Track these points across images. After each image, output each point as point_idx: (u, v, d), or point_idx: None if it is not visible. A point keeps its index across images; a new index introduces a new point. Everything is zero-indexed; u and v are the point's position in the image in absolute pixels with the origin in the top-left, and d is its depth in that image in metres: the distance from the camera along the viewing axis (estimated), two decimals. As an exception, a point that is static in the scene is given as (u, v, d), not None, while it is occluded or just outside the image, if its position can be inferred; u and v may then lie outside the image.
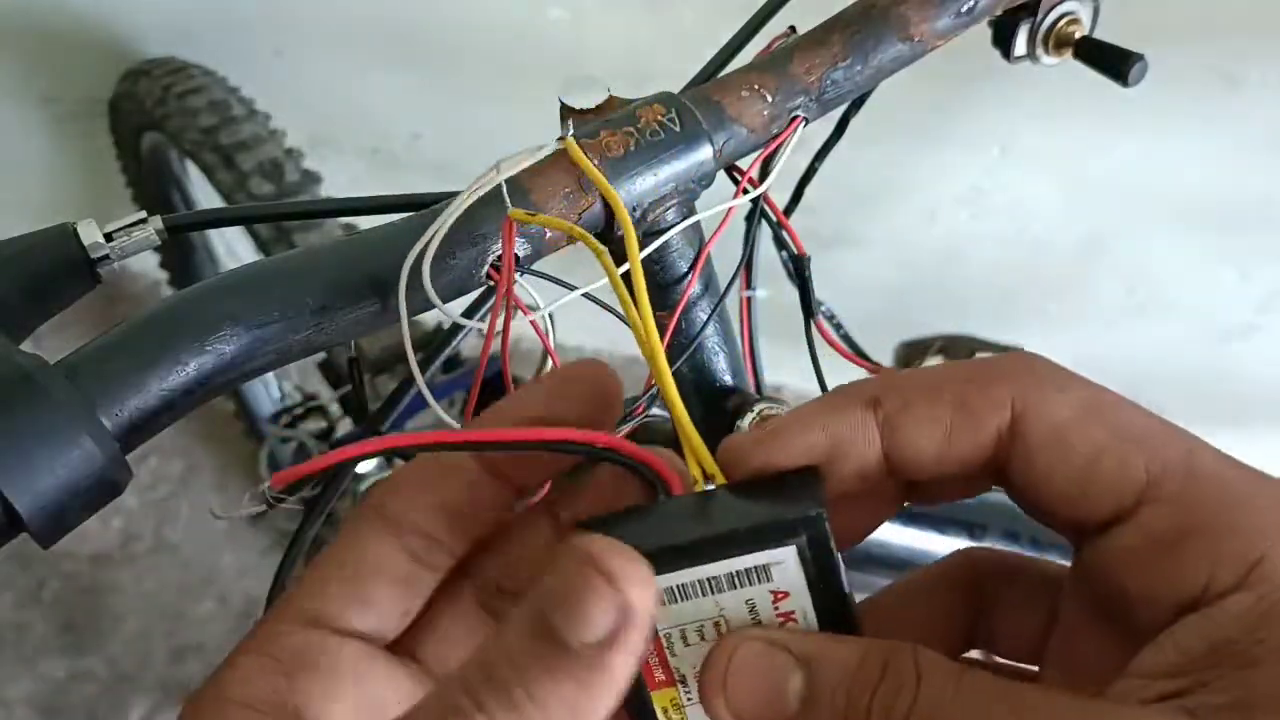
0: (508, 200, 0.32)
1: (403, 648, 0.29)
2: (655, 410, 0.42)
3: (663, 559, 0.24)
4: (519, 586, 0.29)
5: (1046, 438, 0.24)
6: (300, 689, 0.26)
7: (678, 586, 0.25)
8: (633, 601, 0.21)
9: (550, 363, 0.36)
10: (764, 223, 0.47)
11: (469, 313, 0.39)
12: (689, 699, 0.26)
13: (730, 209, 0.41)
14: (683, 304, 0.43)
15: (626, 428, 0.40)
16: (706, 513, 0.25)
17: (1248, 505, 0.23)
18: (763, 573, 0.25)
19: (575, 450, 0.26)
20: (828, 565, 0.24)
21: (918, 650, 0.23)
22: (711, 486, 0.26)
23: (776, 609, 0.25)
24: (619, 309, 0.33)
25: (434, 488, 0.28)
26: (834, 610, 0.25)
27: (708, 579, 0.25)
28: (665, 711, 0.26)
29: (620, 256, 0.43)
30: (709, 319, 0.44)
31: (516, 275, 0.37)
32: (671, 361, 0.44)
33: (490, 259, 0.36)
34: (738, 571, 0.25)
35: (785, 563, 0.24)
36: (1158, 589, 0.23)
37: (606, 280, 0.30)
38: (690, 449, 0.26)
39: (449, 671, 0.24)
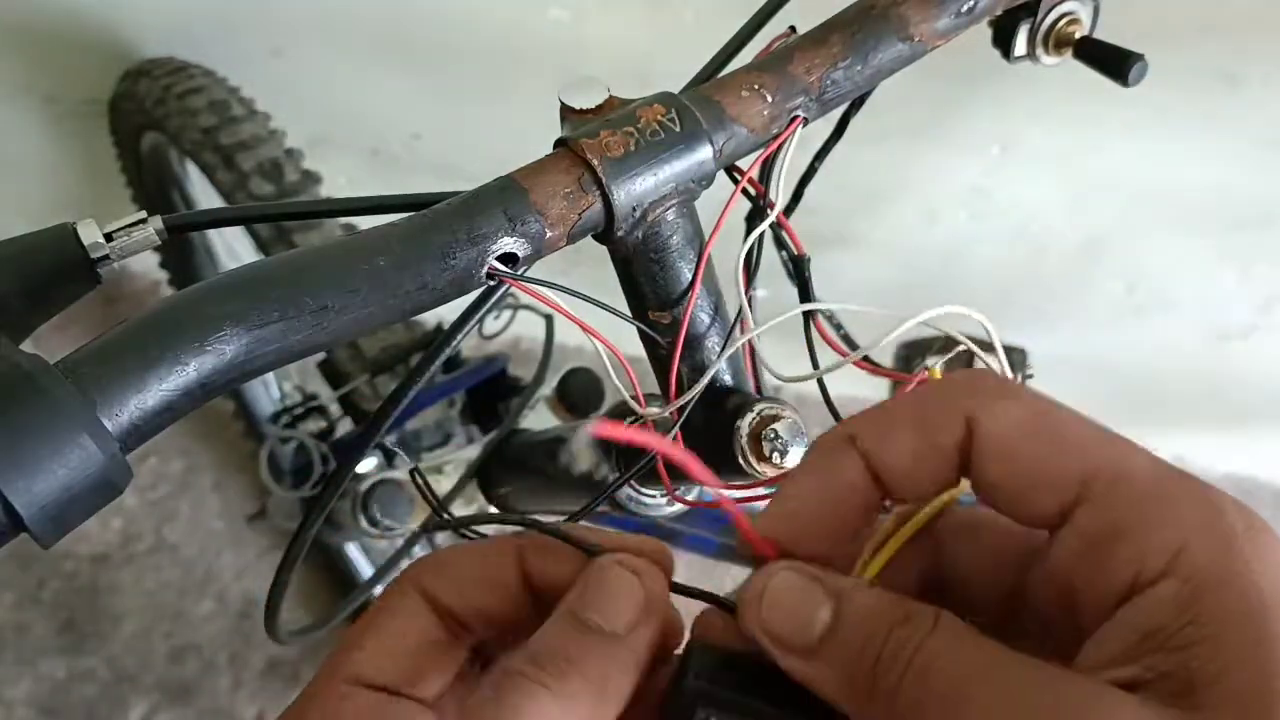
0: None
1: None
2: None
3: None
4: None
5: (994, 449, 0.26)
6: None
7: None
8: (655, 590, 0.28)
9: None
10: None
11: (469, 313, 0.39)
12: None
13: (728, 207, 0.41)
14: (690, 306, 0.43)
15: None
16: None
17: (1168, 500, 0.24)
18: None
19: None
20: None
21: (940, 610, 0.25)
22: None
23: None
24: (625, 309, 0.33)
25: (480, 579, 0.30)
26: None
27: None
28: None
29: (619, 255, 0.43)
30: (710, 318, 0.44)
31: (514, 274, 0.37)
32: (672, 363, 0.44)
33: (490, 259, 0.36)
34: None
35: None
36: (1097, 584, 0.25)
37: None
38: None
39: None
